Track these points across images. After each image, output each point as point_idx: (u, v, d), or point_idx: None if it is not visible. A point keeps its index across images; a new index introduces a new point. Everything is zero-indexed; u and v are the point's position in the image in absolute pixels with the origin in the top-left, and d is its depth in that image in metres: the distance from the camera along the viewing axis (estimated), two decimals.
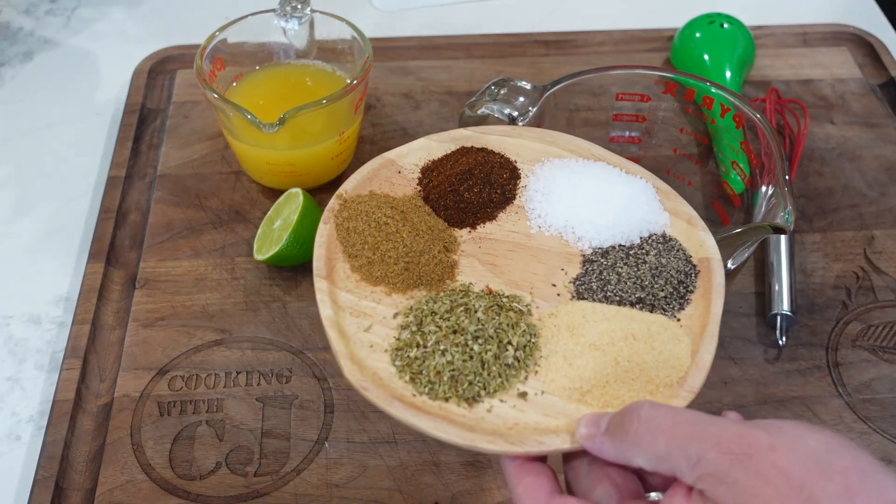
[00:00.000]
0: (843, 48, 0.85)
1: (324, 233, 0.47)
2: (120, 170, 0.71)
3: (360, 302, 0.45)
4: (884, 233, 0.69)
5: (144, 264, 0.65)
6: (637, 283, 0.45)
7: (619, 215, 0.48)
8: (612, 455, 0.37)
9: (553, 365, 0.42)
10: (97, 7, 0.90)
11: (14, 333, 0.62)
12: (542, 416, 0.41)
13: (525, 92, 0.62)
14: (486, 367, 0.42)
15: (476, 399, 0.41)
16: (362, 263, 0.46)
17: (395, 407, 0.40)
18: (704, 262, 0.47)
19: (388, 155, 0.51)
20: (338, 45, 0.70)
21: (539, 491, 0.37)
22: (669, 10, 0.89)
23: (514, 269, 0.47)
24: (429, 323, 0.43)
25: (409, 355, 0.42)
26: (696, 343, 0.43)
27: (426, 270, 0.46)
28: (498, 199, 0.49)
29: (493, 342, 0.42)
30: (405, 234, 0.47)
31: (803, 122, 0.73)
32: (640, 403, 0.36)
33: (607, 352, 0.42)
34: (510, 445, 0.39)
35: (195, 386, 0.58)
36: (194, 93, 0.79)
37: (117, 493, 0.53)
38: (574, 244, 0.48)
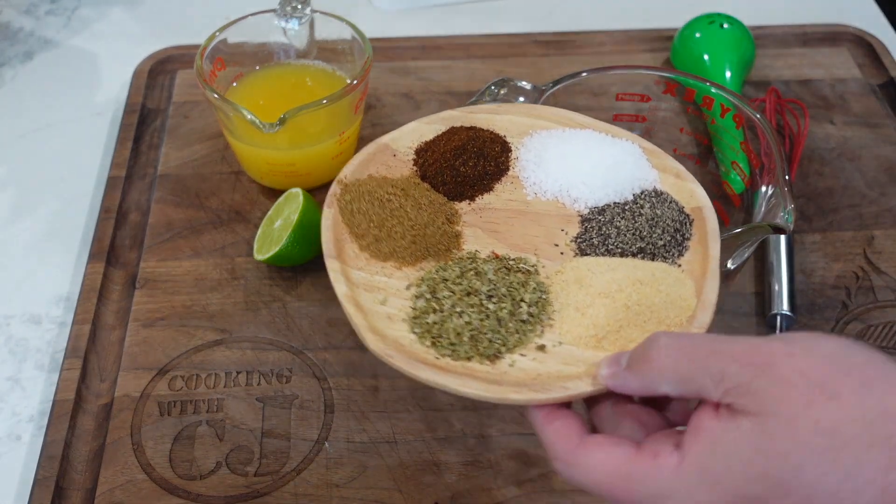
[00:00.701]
0: (843, 48, 0.85)
1: (328, 216, 0.48)
2: (120, 170, 0.71)
3: (373, 278, 0.46)
4: (884, 233, 0.69)
5: (144, 264, 0.65)
6: (636, 235, 0.47)
7: (609, 174, 0.50)
8: (636, 388, 0.38)
9: (566, 317, 0.44)
10: (97, 7, 0.90)
11: (14, 333, 0.62)
12: (562, 365, 0.42)
13: (525, 92, 0.62)
14: (503, 325, 0.43)
15: (497, 356, 0.42)
16: (370, 241, 0.47)
17: (421, 370, 0.41)
18: (697, 210, 0.49)
19: (382, 140, 0.53)
20: (338, 45, 0.70)
21: (569, 433, 0.38)
22: (669, 10, 0.89)
23: (515, 234, 0.49)
24: (442, 289, 0.45)
25: (427, 321, 0.43)
26: (699, 284, 0.45)
27: (432, 242, 0.47)
28: (492, 171, 0.51)
29: (506, 300, 0.44)
30: (409, 209, 0.48)
31: (803, 122, 0.73)
32: (657, 334, 0.37)
33: (617, 298, 0.44)
34: (536, 393, 0.40)
35: (195, 386, 0.58)
36: (194, 93, 0.79)
37: (117, 492, 0.53)
38: (570, 206, 0.50)
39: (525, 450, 0.55)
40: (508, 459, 0.55)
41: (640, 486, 0.35)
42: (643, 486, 0.35)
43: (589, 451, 0.37)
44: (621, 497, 0.36)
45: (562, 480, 0.54)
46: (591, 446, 0.37)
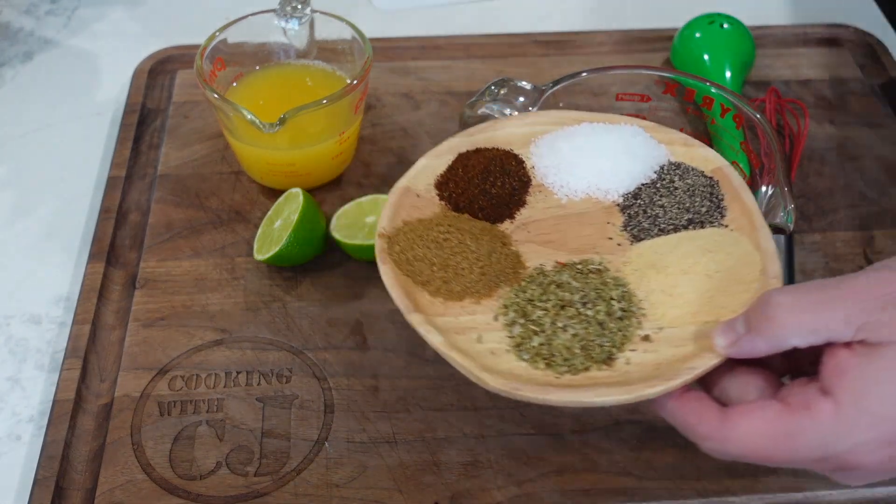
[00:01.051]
0: (843, 48, 0.85)
1: (388, 273, 0.47)
2: (120, 170, 0.71)
3: (458, 319, 0.45)
4: (884, 233, 0.69)
5: (144, 264, 0.65)
6: (681, 208, 0.49)
7: (627, 159, 0.51)
8: (764, 348, 0.38)
9: (656, 302, 0.45)
10: (97, 7, 0.90)
11: (14, 333, 0.62)
12: (673, 348, 0.42)
13: (525, 92, 0.62)
14: (605, 327, 0.43)
15: (611, 358, 0.43)
16: (438, 286, 0.46)
17: (552, 394, 0.41)
18: (717, 171, 0.50)
19: (399, 184, 0.52)
20: (338, 45, 0.70)
21: (708, 411, 0.39)
22: (669, 10, 0.89)
23: (569, 239, 0.49)
24: (532, 310, 0.44)
25: (532, 345, 0.43)
26: (752, 238, 0.46)
27: (500, 268, 0.47)
28: (519, 185, 0.51)
29: (600, 302, 0.44)
30: (468, 242, 0.47)
31: (803, 122, 0.73)
32: (768, 295, 0.38)
33: (696, 271, 0.45)
34: (669, 382, 0.40)
35: (195, 386, 0.58)
36: (194, 93, 0.79)
37: (117, 492, 0.53)
38: (605, 198, 0.51)
39: (525, 450, 0.55)
40: (508, 459, 0.55)
41: (803, 439, 0.36)
42: (806, 440, 0.36)
43: (737, 422, 0.37)
44: (785, 457, 0.36)
45: (550, 485, 0.54)
46: (736, 417, 0.38)
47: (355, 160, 0.73)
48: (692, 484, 0.54)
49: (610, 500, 0.53)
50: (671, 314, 0.44)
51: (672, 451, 0.55)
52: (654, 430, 0.56)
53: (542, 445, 0.55)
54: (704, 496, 0.53)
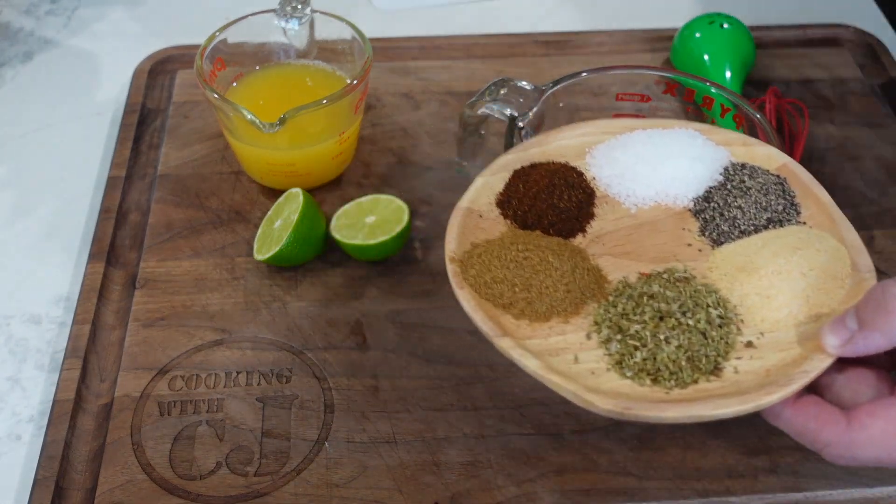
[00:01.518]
0: (843, 48, 0.85)
1: (467, 298, 0.45)
2: (120, 170, 0.71)
3: (548, 340, 0.43)
4: (884, 233, 0.69)
5: (144, 264, 0.65)
6: (759, 207, 0.47)
7: (692, 164, 0.49)
8: (882, 343, 0.37)
9: (753, 306, 0.43)
10: (97, 7, 0.90)
11: (14, 333, 0.62)
12: (780, 352, 0.41)
13: (525, 92, 0.62)
14: (707, 335, 0.41)
15: (719, 367, 0.41)
16: (523, 307, 0.44)
17: (668, 410, 0.39)
18: (783, 168, 0.49)
19: (461, 205, 0.50)
20: (338, 45, 0.70)
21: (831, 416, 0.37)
22: (669, 10, 0.89)
23: (646, 248, 0.47)
24: (628, 325, 0.42)
25: (634, 361, 0.41)
26: (834, 233, 0.45)
27: (584, 284, 0.45)
28: (585, 197, 0.50)
29: (699, 310, 0.42)
30: (551, 259, 0.45)
31: (803, 122, 0.73)
32: (882, 286, 0.37)
33: (790, 271, 0.43)
34: (784, 388, 0.38)
35: (195, 386, 0.58)
36: (194, 93, 0.79)
37: (117, 492, 0.53)
38: (674, 205, 0.49)
39: (525, 450, 0.55)
40: (508, 459, 0.55)
41: None
42: None
43: (864, 423, 0.36)
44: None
45: (550, 485, 0.54)
46: (864, 417, 0.36)
47: (355, 160, 0.73)
48: (692, 484, 0.54)
49: (610, 500, 0.53)
50: (770, 318, 0.42)
51: (672, 451, 0.55)
52: (654, 430, 0.56)
53: (542, 445, 0.55)
54: (704, 496, 0.53)
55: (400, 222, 0.63)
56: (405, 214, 0.64)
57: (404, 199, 0.65)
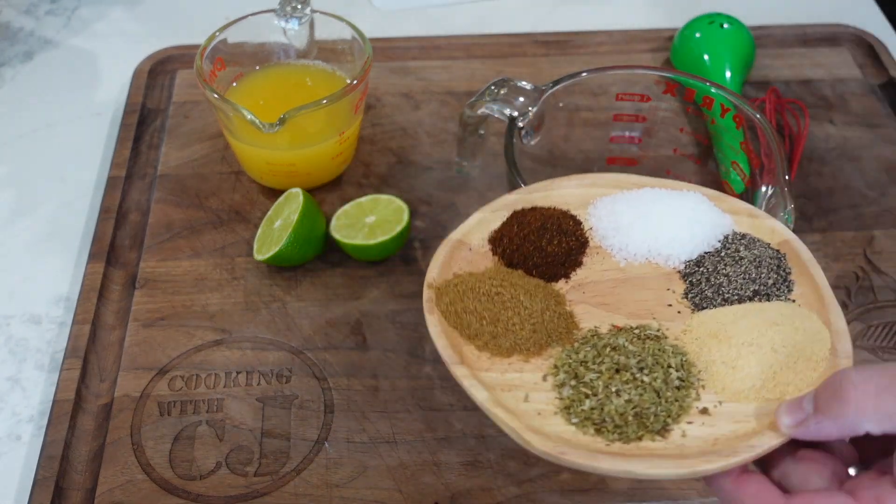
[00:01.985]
0: (843, 48, 0.85)
1: (434, 323, 0.45)
2: (120, 170, 0.71)
3: (504, 376, 0.44)
4: (884, 233, 0.69)
5: (144, 264, 0.65)
6: (747, 278, 0.46)
7: (690, 227, 0.49)
8: (833, 432, 0.36)
9: (716, 374, 0.42)
10: (97, 7, 0.90)
11: (14, 333, 0.62)
12: (733, 423, 0.40)
13: (525, 92, 0.62)
14: (662, 395, 0.41)
15: (666, 429, 0.41)
16: (486, 340, 0.45)
17: (602, 461, 0.39)
18: (784, 244, 0.48)
19: (453, 237, 0.50)
20: (338, 45, 0.70)
21: (770, 497, 0.36)
22: (669, 10, 0.89)
23: (626, 303, 0.47)
24: (585, 372, 0.42)
25: (582, 408, 0.41)
26: (821, 315, 0.44)
27: (552, 327, 0.45)
28: (576, 245, 0.50)
29: (657, 368, 0.42)
30: (522, 297, 0.46)
31: (803, 122, 0.73)
32: (842, 373, 0.36)
33: (762, 344, 0.42)
34: (727, 459, 0.38)
35: (195, 386, 0.58)
36: (194, 93, 0.79)
37: (117, 492, 0.53)
38: (665, 264, 0.49)
39: (525, 450, 0.55)
40: (508, 459, 0.55)
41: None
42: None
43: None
44: None
45: (550, 485, 0.54)
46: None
47: (355, 160, 0.73)
48: (692, 484, 0.54)
49: (610, 500, 0.53)
50: (732, 388, 0.42)
51: None
52: None
53: None
54: (704, 496, 0.53)
55: (400, 222, 0.63)
56: (405, 214, 0.64)
57: (404, 199, 0.65)
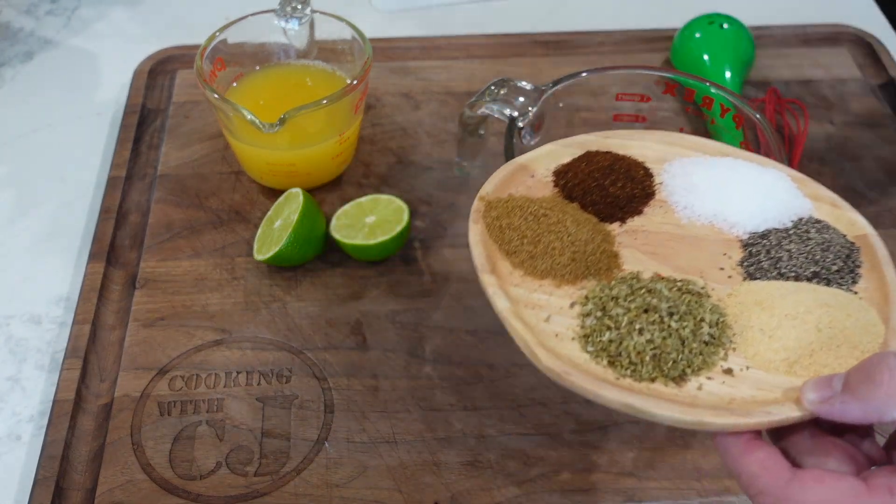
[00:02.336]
0: (843, 48, 0.85)
1: (476, 232, 0.45)
2: (120, 170, 0.71)
3: (531, 295, 0.43)
4: (884, 233, 0.68)
5: (144, 264, 0.65)
6: (810, 259, 0.44)
7: (765, 201, 0.47)
8: (857, 414, 0.34)
9: (751, 339, 0.40)
10: (97, 7, 0.90)
11: (14, 333, 0.62)
12: (755, 390, 0.39)
13: (525, 92, 0.62)
14: (687, 345, 0.40)
15: (683, 378, 0.39)
16: (523, 259, 0.44)
17: (606, 389, 0.38)
18: (862, 238, 0.46)
19: (519, 160, 0.50)
20: (338, 46, 0.70)
21: (777, 466, 0.34)
22: (669, 10, 0.89)
23: (676, 257, 0.45)
24: (613, 307, 0.41)
25: (602, 339, 0.40)
26: (881, 311, 0.42)
27: (593, 260, 0.44)
28: (640, 194, 0.49)
29: (688, 318, 0.40)
30: (568, 224, 0.45)
31: (803, 123, 0.73)
32: (884, 354, 0.34)
33: (806, 320, 0.40)
34: (738, 418, 0.36)
35: (195, 386, 0.58)
36: (194, 93, 0.79)
37: (117, 492, 0.53)
38: (728, 231, 0.47)
39: (525, 450, 0.55)
40: (508, 459, 0.55)
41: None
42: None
43: (807, 486, 0.33)
44: None
45: (550, 485, 0.54)
46: (808, 481, 0.33)
47: (355, 160, 0.73)
48: (692, 484, 0.54)
49: (610, 500, 0.53)
50: (763, 356, 0.40)
51: (672, 451, 0.55)
52: (654, 430, 0.56)
53: (542, 445, 0.55)
54: (704, 496, 0.53)
55: (400, 222, 0.63)
56: (405, 214, 0.64)
57: (404, 199, 0.65)
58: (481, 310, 0.63)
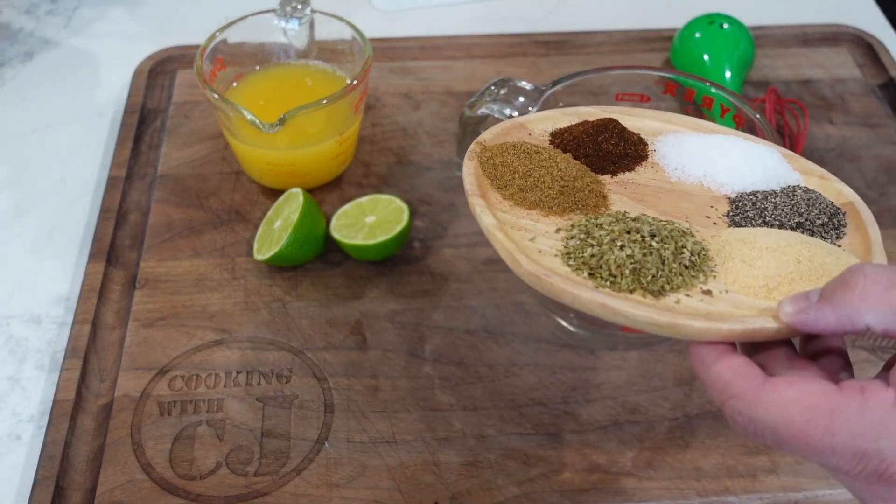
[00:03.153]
0: (843, 48, 0.85)
1: (470, 167, 0.46)
2: (120, 170, 0.71)
3: (519, 220, 0.44)
4: (884, 233, 0.68)
5: (145, 264, 0.65)
6: (794, 210, 0.45)
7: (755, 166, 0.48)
8: (832, 322, 0.34)
9: (731, 268, 0.41)
10: (97, 7, 0.90)
11: (14, 333, 0.62)
12: (733, 308, 0.39)
13: (525, 92, 0.62)
14: (667, 264, 0.40)
15: (661, 293, 0.40)
16: (513, 191, 0.45)
17: (583, 290, 0.38)
18: (848, 205, 0.47)
19: (517, 119, 0.51)
20: (338, 46, 0.70)
21: (750, 371, 0.34)
22: (669, 10, 0.89)
23: (664, 205, 0.46)
24: (597, 231, 0.42)
25: (583, 255, 0.41)
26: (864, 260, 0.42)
27: (581, 196, 0.45)
28: (632, 154, 0.50)
29: (670, 242, 0.41)
30: (559, 160, 0.46)
31: (803, 123, 0.73)
32: (860, 264, 0.34)
33: (787, 252, 0.41)
34: (713, 322, 0.37)
35: (195, 386, 0.58)
36: (194, 93, 0.79)
37: (117, 492, 0.53)
38: (717, 190, 0.48)
39: (525, 450, 0.55)
40: (508, 459, 0.55)
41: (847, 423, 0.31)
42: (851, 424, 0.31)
43: (779, 388, 0.33)
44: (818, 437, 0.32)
45: (550, 485, 0.54)
46: (780, 384, 0.33)
47: (355, 160, 0.73)
48: (692, 484, 0.54)
49: (610, 500, 0.53)
50: (743, 282, 0.40)
51: (672, 451, 0.55)
52: (654, 430, 0.56)
53: (542, 445, 0.56)
54: (704, 496, 0.53)
55: (400, 222, 0.63)
56: (405, 214, 0.64)
57: (404, 199, 0.65)
58: (481, 310, 0.63)
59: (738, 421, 0.34)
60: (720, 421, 0.57)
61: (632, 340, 0.61)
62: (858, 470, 0.32)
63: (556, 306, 0.62)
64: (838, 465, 0.32)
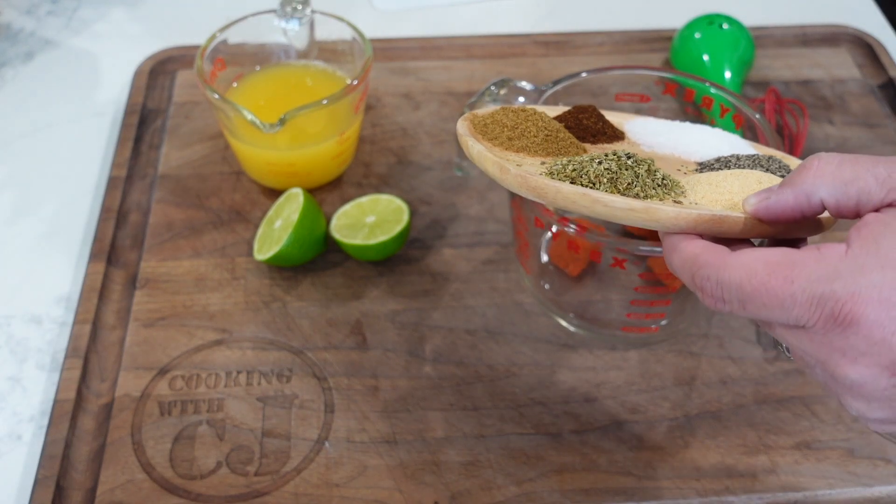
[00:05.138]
0: (843, 48, 0.85)
1: (463, 125, 0.49)
2: (121, 170, 0.72)
3: (505, 153, 0.47)
4: None
5: (145, 264, 0.65)
6: (756, 163, 0.48)
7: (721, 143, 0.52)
8: (789, 200, 0.37)
9: (699, 190, 0.44)
10: (98, 8, 0.90)
11: (15, 333, 0.62)
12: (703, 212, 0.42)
13: (525, 92, 0.62)
14: (641, 179, 0.43)
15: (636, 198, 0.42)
16: (502, 141, 0.48)
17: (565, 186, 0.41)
18: None
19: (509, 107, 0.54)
20: (338, 46, 0.71)
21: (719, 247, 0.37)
22: (669, 11, 0.89)
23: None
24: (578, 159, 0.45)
25: (565, 170, 0.43)
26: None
27: (563, 145, 0.49)
28: (610, 132, 0.53)
29: (643, 164, 0.44)
30: (544, 116, 0.50)
31: (802, 123, 0.74)
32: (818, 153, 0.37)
33: (749, 176, 0.44)
34: (685, 209, 0.39)
35: (196, 386, 0.58)
36: (195, 93, 0.79)
37: (118, 492, 0.53)
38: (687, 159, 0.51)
39: (525, 450, 0.55)
40: (508, 459, 0.55)
41: (804, 270, 0.34)
42: (808, 271, 0.34)
43: (744, 252, 0.36)
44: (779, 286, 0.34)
45: (550, 485, 0.54)
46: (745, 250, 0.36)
47: (355, 160, 0.73)
48: (692, 484, 0.54)
49: (610, 500, 0.53)
50: (710, 198, 0.43)
51: (672, 450, 0.55)
52: (654, 429, 0.56)
53: (542, 445, 0.56)
54: (704, 496, 0.53)
55: (400, 222, 0.63)
56: (405, 214, 0.64)
57: (404, 199, 0.65)
58: (481, 310, 0.63)
59: (707, 287, 0.37)
60: (720, 421, 0.57)
61: (632, 340, 0.61)
62: (816, 317, 0.34)
63: (556, 306, 0.62)
64: (798, 316, 0.34)
